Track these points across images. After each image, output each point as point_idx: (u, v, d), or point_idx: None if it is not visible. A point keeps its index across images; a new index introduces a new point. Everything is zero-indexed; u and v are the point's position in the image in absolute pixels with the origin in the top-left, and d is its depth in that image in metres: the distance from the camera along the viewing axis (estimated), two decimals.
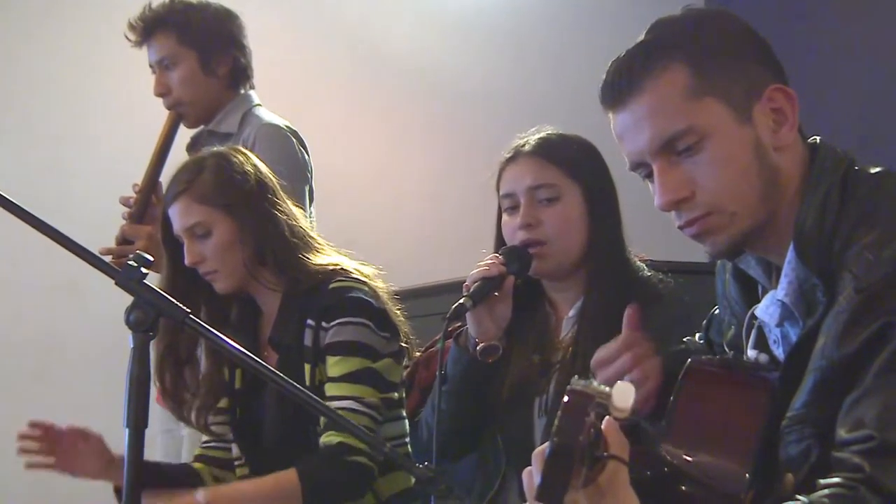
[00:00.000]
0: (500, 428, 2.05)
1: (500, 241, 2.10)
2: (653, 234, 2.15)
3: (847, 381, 1.24)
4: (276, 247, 2.17)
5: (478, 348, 2.02)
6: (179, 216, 2.18)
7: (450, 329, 2.48)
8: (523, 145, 2.08)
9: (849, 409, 1.23)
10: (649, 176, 1.40)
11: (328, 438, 2.05)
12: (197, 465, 2.33)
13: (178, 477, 2.27)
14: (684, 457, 1.32)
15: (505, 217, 2.08)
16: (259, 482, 2.10)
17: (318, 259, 2.19)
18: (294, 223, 2.21)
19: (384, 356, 2.14)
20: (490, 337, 2.01)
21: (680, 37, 1.38)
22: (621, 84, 1.38)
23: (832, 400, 1.25)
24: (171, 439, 2.87)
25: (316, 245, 2.23)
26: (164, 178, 2.83)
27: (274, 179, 2.25)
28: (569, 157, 2.06)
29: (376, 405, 2.09)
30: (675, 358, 1.56)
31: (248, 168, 2.20)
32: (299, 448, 2.12)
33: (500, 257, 2.00)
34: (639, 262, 2.07)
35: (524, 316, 2.05)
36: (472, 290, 1.96)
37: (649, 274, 2.05)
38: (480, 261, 2.05)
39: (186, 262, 2.18)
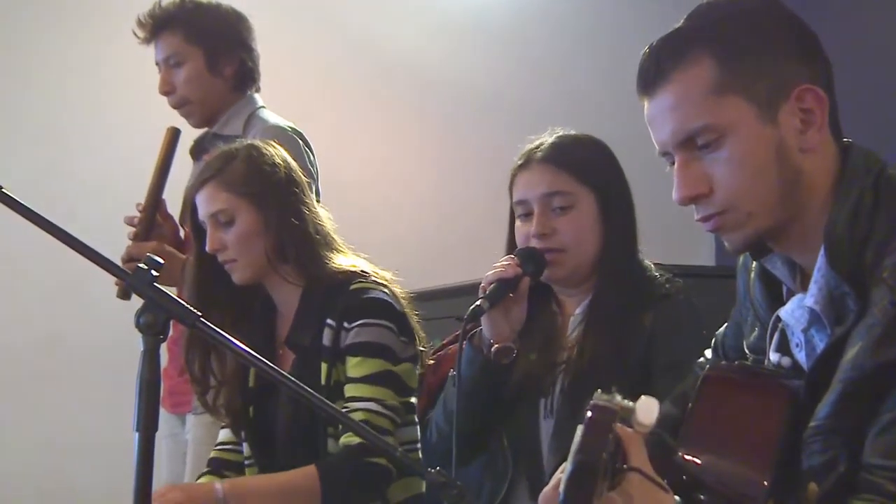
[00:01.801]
0: (506, 429, 2.05)
1: (512, 247, 2.08)
2: (660, 236, 2.15)
3: (877, 394, 1.22)
4: (298, 241, 2.16)
5: (492, 350, 2.01)
6: (205, 202, 2.18)
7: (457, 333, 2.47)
8: (535, 150, 2.06)
9: (882, 431, 1.21)
10: (674, 165, 1.39)
11: (348, 439, 2.05)
12: (205, 479, 2.25)
13: None
14: (702, 464, 1.31)
15: (518, 223, 2.07)
16: (278, 477, 2.08)
17: (339, 259, 2.19)
18: (319, 222, 2.21)
19: (403, 360, 2.14)
20: (505, 338, 2.01)
21: (712, 28, 1.37)
22: (650, 73, 1.37)
23: (860, 411, 1.23)
24: (174, 444, 2.86)
25: (337, 246, 2.22)
26: (167, 194, 2.82)
27: (303, 176, 2.25)
28: (582, 163, 2.04)
29: (396, 408, 2.08)
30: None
31: (279, 161, 2.20)
32: (310, 450, 2.10)
33: (515, 259, 1.99)
34: (647, 262, 2.06)
35: (530, 315, 2.04)
36: (488, 291, 1.95)
37: (657, 274, 2.04)
38: (488, 263, 2.05)
39: (207, 248, 2.18)
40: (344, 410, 2.05)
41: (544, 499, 1.26)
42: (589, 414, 1.03)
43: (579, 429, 1.04)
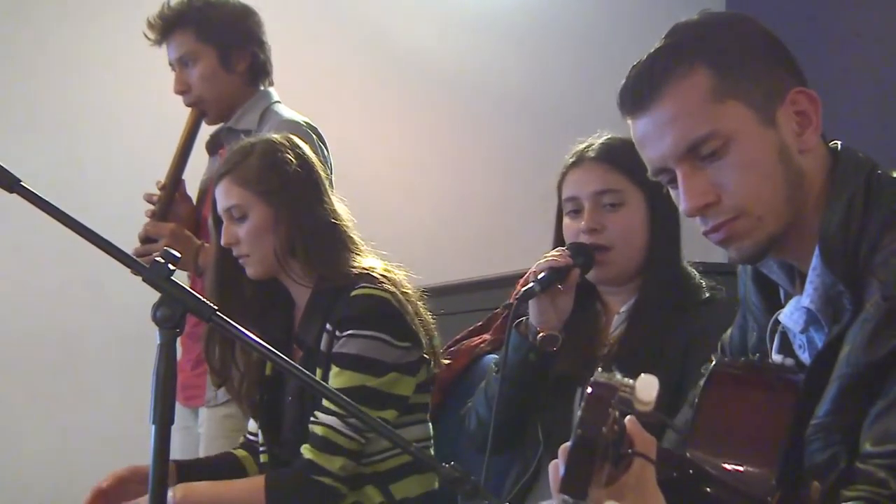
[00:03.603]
0: (541, 416, 2.08)
1: (559, 244, 2.12)
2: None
3: (873, 389, 1.23)
4: (308, 240, 2.16)
5: (538, 337, 2.04)
6: (221, 196, 2.20)
7: (478, 325, 2.48)
8: (586, 150, 2.10)
9: (875, 420, 1.22)
10: (672, 182, 1.39)
11: (304, 451, 2.07)
12: (239, 452, 2.35)
13: (220, 469, 2.29)
14: (709, 458, 1.32)
15: (567, 220, 2.10)
16: (231, 485, 2.15)
17: (351, 260, 2.18)
18: (335, 220, 2.20)
19: (392, 370, 2.10)
20: (551, 327, 2.04)
21: (700, 40, 1.37)
22: (642, 89, 1.37)
23: (858, 408, 1.24)
24: (188, 436, 2.87)
25: (353, 245, 2.21)
26: (187, 175, 2.85)
27: (322, 173, 2.25)
28: (633, 164, 2.04)
29: (360, 428, 2.06)
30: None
31: (295, 157, 2.20)
32: None
33: (566, 251, 2.04)
34: (690, 268, 2.10)
35: (576, 312, 2.07)
36: (539, 276, 1.99)
37: (701, 282, 2.07)
38: (502, 258, 2.05)
39: (222, 242, 2.20)
40: (311, 420, 2.09)
41: (552, 468, 1.26)
42: (589, 390, 1.04)
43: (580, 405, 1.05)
